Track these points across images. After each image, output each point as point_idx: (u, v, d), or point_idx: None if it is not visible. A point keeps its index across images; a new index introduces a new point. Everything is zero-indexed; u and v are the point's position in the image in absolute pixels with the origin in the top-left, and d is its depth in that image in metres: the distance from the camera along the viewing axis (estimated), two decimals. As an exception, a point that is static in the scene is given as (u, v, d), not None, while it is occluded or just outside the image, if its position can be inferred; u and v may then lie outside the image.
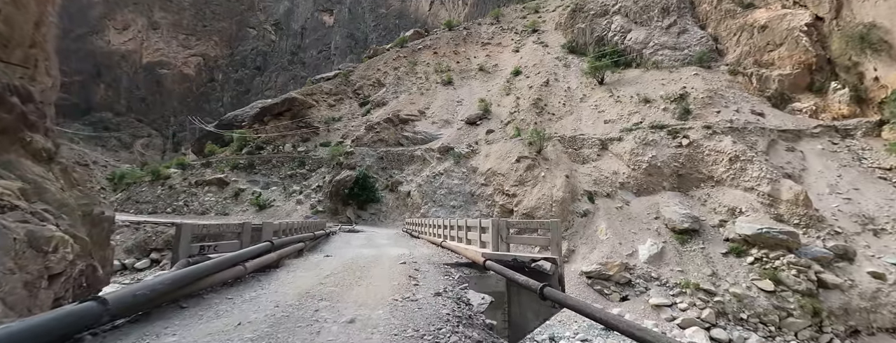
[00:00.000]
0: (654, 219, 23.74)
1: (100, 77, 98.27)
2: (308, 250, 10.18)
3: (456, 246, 8.71)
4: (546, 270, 5.39)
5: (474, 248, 7.37)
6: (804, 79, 29.31)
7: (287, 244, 7.50)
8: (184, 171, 37.46)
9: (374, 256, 9.16)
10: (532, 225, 7.21)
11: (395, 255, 9.33)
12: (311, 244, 11.17)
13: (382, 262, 7.99)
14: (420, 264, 7.42)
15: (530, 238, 8.02)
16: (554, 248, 5.83)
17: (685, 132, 26.54)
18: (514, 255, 5.85)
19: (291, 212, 32.39)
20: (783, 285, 17.91)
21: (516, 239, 7.05)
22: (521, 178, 27.64)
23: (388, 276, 6.25)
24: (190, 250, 5.22)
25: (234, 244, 6.39)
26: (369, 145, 37.56)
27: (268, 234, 7.23)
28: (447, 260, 7.95)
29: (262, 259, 5.55)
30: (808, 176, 23.48)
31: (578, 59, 43.59)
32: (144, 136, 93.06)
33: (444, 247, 9.99)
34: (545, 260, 5.51)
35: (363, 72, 53.74)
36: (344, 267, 7.13)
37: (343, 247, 12.59)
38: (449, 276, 6.15)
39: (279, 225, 8.60)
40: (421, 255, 9.47)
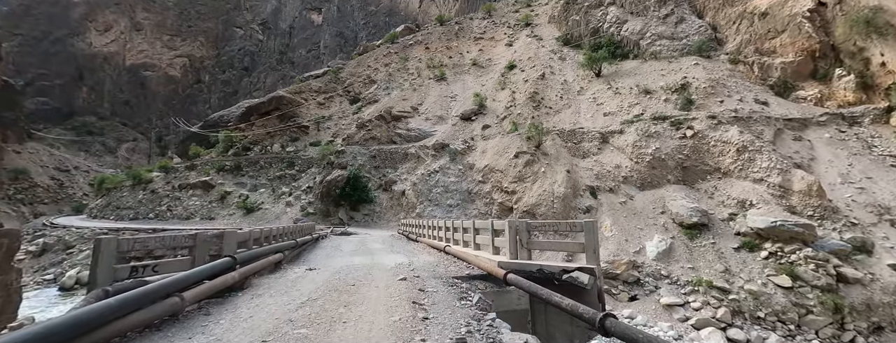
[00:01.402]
0: (661, 213, 22.76)
1: (82, 80, 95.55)
2: (289, 261, 8.86)
3: (463, 252, 7.50)
4: (582, 284, 4.24)
5: (487, 256, 6.20)
6: (807, 66, 28.51)
7: (258, 257, 6.22)
8: (167, 174, 35.87)
9: (367, 268, 7.79)
10: (560, 227, 5.68)
11: (393, 266, 7.99)
12: (292, 254, 9.81)
13: (377, 277, 6.63)
14: (424, 279, 6.10)
15: (558, 243, 6.72)
16: (590, 255, 4.69)
17: (689, 123, 25.58)
18: (538, 265, 4.71)
19: (281, 214, 31.04)
20: (801, 281, 16.98)
21: (539, 244, 5.86)
22: (521, 175, 26.53)
23: (385, 301, 4.83)
24: (113, 274, 3.98)
25: (184, 262, 4.97)
26: (361, 144, 36.24)
27: (230, 245, 5.74)
28: (455, 271, 6.67)
29: (212, 283, 4.28)
30: (818, 165, 22.63)
31: (574, 52, 42.59)
32: (130, 140, 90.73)
33: (448, 253, 8.76)
34: (580, 270, 4.34)
35: (353, 69, 52.31)
36: (327, 287, 5.73)
37: (331, 255, 11.04)
38: (466, 298, 4.79)
39: (249, 233, 7.02)
40: (422, 264, 8.15)
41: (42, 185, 53.10)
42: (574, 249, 5.25)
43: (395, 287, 5.62)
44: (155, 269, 4.45)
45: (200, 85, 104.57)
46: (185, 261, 5.06)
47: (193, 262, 4.98)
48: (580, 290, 4.44)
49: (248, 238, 6.89)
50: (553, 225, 5.57)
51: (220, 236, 5.32)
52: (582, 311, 3.12)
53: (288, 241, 9.60)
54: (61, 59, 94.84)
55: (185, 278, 3.73)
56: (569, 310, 3.31)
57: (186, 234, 5.25)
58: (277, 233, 9.48)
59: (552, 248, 6.39)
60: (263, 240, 8.04)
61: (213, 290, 4.23)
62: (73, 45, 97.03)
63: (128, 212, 32.77)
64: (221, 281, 4.49)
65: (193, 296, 3.79)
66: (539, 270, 4.68)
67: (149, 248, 4.54)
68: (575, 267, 4.43)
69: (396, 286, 5.68)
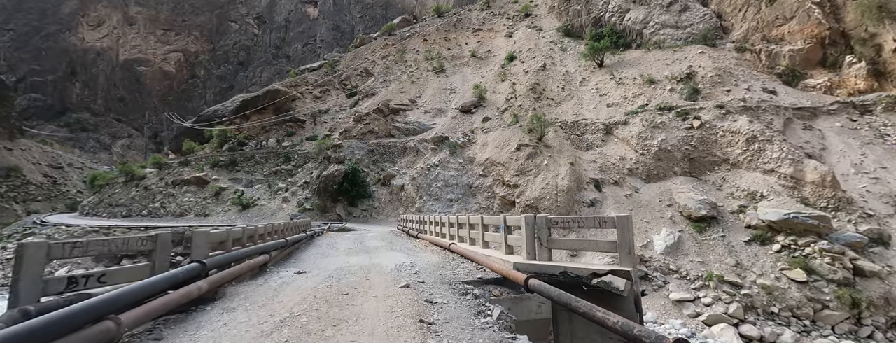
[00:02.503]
0: (668, 206, 22.12)
1: (75, 76, 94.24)
2: (277, 262, 8.02)
3: (471, 252, 6.73)
4: (618, 291, 3.54)
5: (499, 256, 5.50)
6: (816, 53, 27.73)
7: (238, 260, 5.54)
8: (160, 170, 35.05)
9: (365, 271, 6.95)
10: (586, 222, 4.94)
11: (393, 268, 7.15)
12: (281, 254, 8.92)
13: (375, 283, 5.76)
14: (430, 286, 5.25)
15: (585, 242, 5.87)
16: (625, 256, 4.00)
17: (696, 113, 24.85)
18: (562, 267, 4.01)
19: (277, 211, 30.32)
20: (816, 275, 16.36)
21: (562, 243, 5.11)
22: (523, 168, 25.82)
23: (384, 319, 3.99)
24: (42, 289, 3.11)
25: (140, 270, 4.16)
26: (359, 137, 35.44)
27: (201, 248, 4.91)
28: (464, 274, 5.86)
29: (168, 298, 3.41)
30: (830, 155, 21.95)
31: (575, 43, 41.75)
32: (125, 137, 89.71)
33: (453, 251, 8.01)
34: (614, 274, 3.64)
35: (350, 62, 51.33)
36: (315, 297, 4.80)
37: (326, 254, 10.12)
38: (484, 313, 3.93)
39: (227, 233, 6.15)
40: (426, 265, 7.30)
41: (35, 183, 52.24)
42: (604, 248, 4.52)
43: (396, 297, 4.74)
44: (101, 280, 3.56)
45: (196, 80, 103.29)
46: (141, 268, 4.23)
47: (153, 269, 4.18)
48: (613, 297, 3.75)
49: (227, 239, 6.09)
50: (578, 221, 4.80)
51: (191, 237, 4.55)
52: (645, 337, 2.39)
53: (277, 240, 8.75)
54: (53, 55, 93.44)
55: (129, 293, 2.92)
56: (620, 330, 2.60)
57: (144, 236, 4.31)
58: (264, 231, 8.67)
59: (577, 247, 5.56)
60: (246, 240, 7.22)
61: (171, 306, 3.44)
62: (65, 41, 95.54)
63: (120, 209, 32.00)
64: (182, 294, 3.63)
65: (138, 317, 2.91)
66: (563, 274, 3.99)
67: (91, 252, 3.73)
68: (607, 270, 3.74)
69: (398, 296, 4.83)
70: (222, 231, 6.22)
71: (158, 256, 4.32)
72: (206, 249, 5.04)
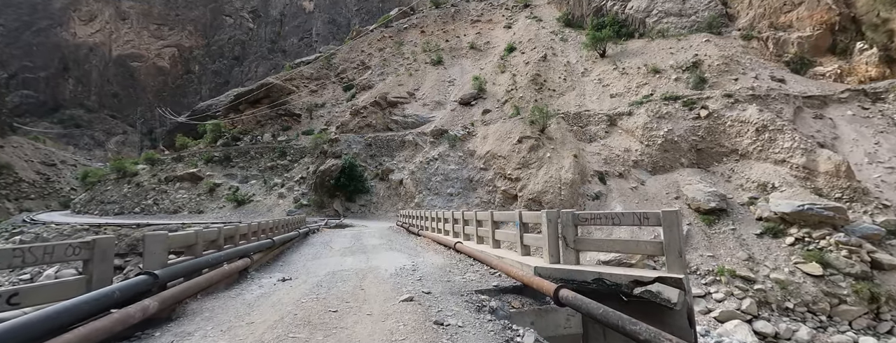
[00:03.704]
0: (675, 199, 21.46)
1: (67, 72, 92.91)
2: (262, 266, 7.19)
3: (481, 253, 5.95)
4: (669, 303, 2.83)
5: (514, 258, 4.78)
6: (826, 40, 26.95)
7: (210, 266, 4.80)
8: (153, 166, 34.22)
9: (360, 277, 6.14)
10: (622, 219, 4.19)
11: (393, 272, 6.31)
12: (268, 256, 8.05)
13: (371, 293, 4.89)
14: (438, 297, 4.43)
15: (620, 243, 4.84)
16: (674, 260, 3.29)
17: (703, 102, 24.10)
18: (596, 272, 3.30)
19: (273, 207, 29.60)
20: (832, 268, 15.73)
21: (591, 243, 4.37)
22: (525, 161, 25.10)
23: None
24: None
25: (72, 285, 3.32)
26: (356, 131, 34.63)
27: (155, 256, 3.95)
28: (475, 280, 4.99)
29: (91, 327, 2.50)
30: (842, 145, 21.26)
31: (576, 33, 40.87)
32: (119, 133, 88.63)
33: (459, 251, 7.25)
34: (662, 282, 2.93)
35: (346, 54, 50.32)
36: (296, 317, 3.91)
37: (319, 254, 9.23)
38: (514, 340, 3.11)
39: (196, 235, 5.15)
40: (430, 269, 6.45)
41: (27, 180, 51.37)
42: (647, 250, 3.81)
43: (397, 316, 3.86)
44: (10, 301, 2.73)
45: (190, 75, 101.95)
46: (72, 284, 3.35)
47: (90, 283, 3.34)
48: (659, 310, 3.04)
49: (195, 241, 5.10)
50: (611, 217, 4.02)
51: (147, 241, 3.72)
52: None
53: (263, 240, 8.01)
54: (45, 51, 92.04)
55: (39, 321, 2.17)
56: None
57: (75, 243, 3.36)
58: (247, 231, 7.76)
59: (611, 248, 4.73)
60: (224, 241, 6.28)
61: (101, 336, 2.56)
62: (56, 36, 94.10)
63: (112, 206, 31.24)
64: (115, 320, 2.72)
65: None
66: (598, 281, 3.30)
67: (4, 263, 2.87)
68: (653, 276, 3.05)
69: (399, 314, 3.95)
70: (188, 233, 5.16)
71: (97, 267, 3.42)
72: (162, 256, 4.09)
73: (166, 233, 4.11)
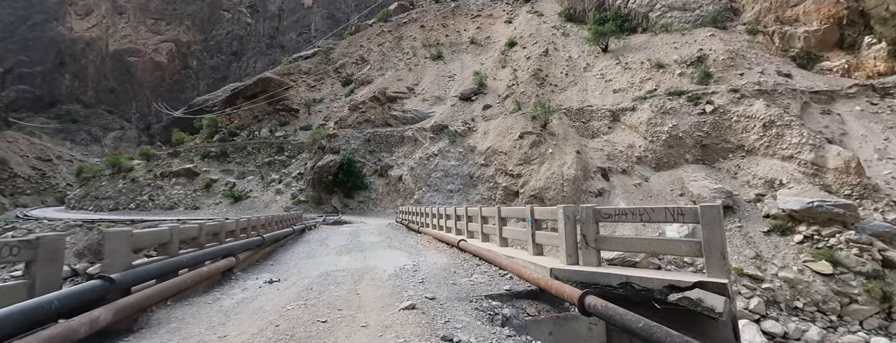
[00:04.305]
0: (680, 195, 21.06)
1: (64, 67, 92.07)
2: (250, 265, 6.65)
3: (487, 252, 5.46)
4: (712, 312, 2.39)
5: (526, 258, 4.33)
6: (833, 35, 26.46)
7: (177, 268, 4.20)
8: (148, 161, 33.72)
9: (356, 279, 5.61)
10: (652, 215, 3.54)
11: (392, 273, 5.86)
12: (255, 254, 7.42)
13: (368, 299, 4.36)
14: (443, 304, 3.92)
15: (650, 241, 4.33)
16: (715, 262, 2.85)
17: (708, 97, 23.63)
18: (623, 275, 2.86)
19: (270, 203, 29.15)
20: (842, 267, 15.35)
21: (613, 242, 3.89)
22: (526, 157, 24.65)
23: None
24: None
25: (11, 292, 2.80)
26: (354, 127, 34.12)
27: (117, 255, 3.41)
28: (484, 283, 4.46)
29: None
30: (851, 141, 20.82)
31: (578, 28, 40.29)
32: (117, 129, 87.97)
33: (463, 250, 6.79)
34: (701, 287, 2.49)
35: (345, 49, 49.70)
36: (279, 330, 3.39)
37: (313, 253, 8.67)
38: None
39: (170, 231, 4.54)
40: (433, 269, 5.93)
41: (22, 176, 50.82)
42: (681, 251, 3.35)
43: (397, 329, 3.33)
44: None
45: (188, 71, 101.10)
46: (10, 289, 2.87)
47: (32, 289, 2.86)
48: (699, 319, 2.60)
49: (169, 239, 4.49)
50: (640, 212, 3.48)
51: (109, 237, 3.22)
52: None
53: (252, 237, 7.45)
54: (41, 45, 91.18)
55: None
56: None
57: (15, 241, 2.87)
58: (234, 227, 7.12)
59: (639, 248, 4.23)
60: (207, 238, 5.68)
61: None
62: (52, 30, 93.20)
63: (107, 202, 30.75)
64: (47, 337, 2.27)
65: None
66: (625, 286, 2.87)
67: None
68: (692, 281, 2.61)
69: (400, 326, 3.41)
70: (161, 229, 4.51)
71: (42, 270, 2.92)
72: (126, 257, 3.54)
73: (130, 230, 3.60)
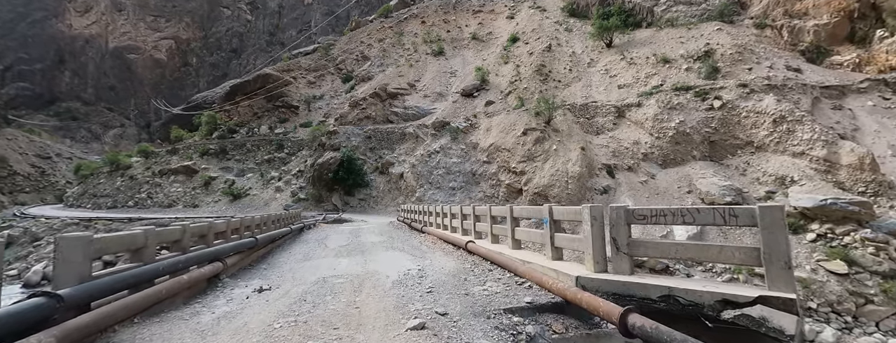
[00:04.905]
0: (687, 193, 20.59)
1: (63, 64, 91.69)
2: (240, 270, 6.14)
3: (499, 255, 4.95)
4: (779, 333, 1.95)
5: (544, 263, 3.90)
6: (843, 28, 25.88)
7: (152, 276, 3.71)
8: (147, 159, 33.34)
9: (356, 286, 5.10)
10: (697, 216, 3.04)
11: (396, 279, 5.37)
12: (247, 257, 6.87)
13: (369, 313, 3.79)
14: (456, 321, 3.38)
15: (696, 248, 3.44)
16: (778, 272, 2.43)
17: (716, 93, 23.12)
18: (665, 286, 2.43)
19: (270, 201, 28.76)
20: (858, 266, 14.89)
21: (649, 247, 3.38)
22: (530, 153, 24.18)
23: None
24: None
25: None
26: (355, 123, 33.67)
27: (72, 266, 2.92)
28: (500, 293, 3.94)
29: None
30: (863, 137, 20.30)
31: (581, 23, 39.69)
32: (117, 126, 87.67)
33: (473, 253, 6.32)
34: (763, 302, 2.06)
35: (345, 45, 49.17)
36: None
37: (310, 255, 8.11)
38: None
39: (144, 235, 3.97)
40: (441, 275, 5.47)
41: (22, 173, 50.52)
42: (734, 259, 2.83)
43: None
44: None
45: (188, 68, 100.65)
46: None
47: None
48: (762, 340, 2.16)
49: (144, 244, 3.94)
50: (680, 214, 2.89)
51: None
52: None
53: (245, 238, 6.87)
54: (41, 42, 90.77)
55: None
56: None
57: None
58: (225, 227, 6.54)
59: (680, 255, 3.50)
60: (191, 240, 5.14)
61: None
62: (52, 27, 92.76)
63: (105, 200, 30.40)
64: None
65: None
66: (667, 299, 2.45)
67: None
68: (754, 296, 2.19)
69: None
70: (133, 233, 3.90)
71: None
72: (82, 266, 2.99)
73: (90, 235, 3.07)
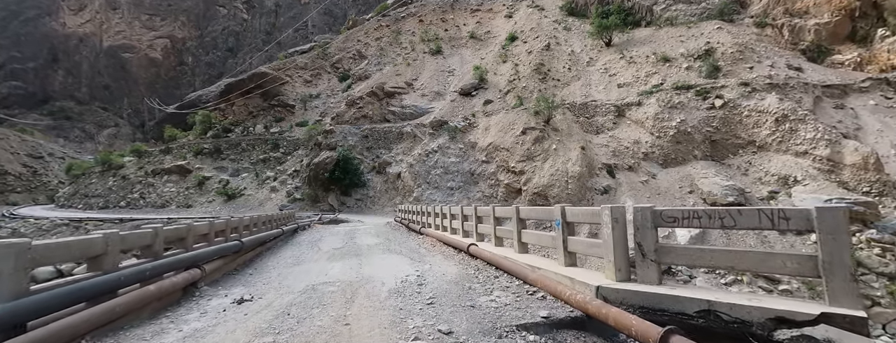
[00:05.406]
0: (689, 193, 20.33)
1: (57, 63, 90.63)
2: (216, 279, 5.56)
3: (505, 259, 4.55)
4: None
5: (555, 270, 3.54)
6: (844, 27, 25.69)
7: (114, 288, 3.25)
8: (140, 158, 32.80)
9: (347, 296, 4.58)
10: (739, 219, 2.62)
11: (393, 288, 4.90)
12: (229, 264, 6.30)
13: (361, 332, 3.29)
14: (462, 340, 2.90)
15: (737, 255, 2.76)
16: (841, 285, 2.00)
17: (718, 92, 22.87)
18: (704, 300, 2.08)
19: (265, 201, 28.31)
20: (863, 267, 14.65)
21: (681, 254, 2.92)
22: (529, 153, 23.86)
23: None
24: None
25: None
26: (352, 123, 33.25)
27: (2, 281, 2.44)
28: (508, 301, 3.54)
29: None
30: (866, 136, 20.07)
31: (580, 22, 39.41)
32: (111, 126, 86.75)
33: (475, 256, 5.94)
34: (826, 320, 1.70)
35: (342, 44, 48.72)
36: None
37: (301, 258, 7.59)
38: None
39: (105, 240, 3.51)
40: (443, 283, 4.98)
41: (13, 173, 49.77)
42: (786, 269, 2.37)
43: None
44: None
45: (183, 67, 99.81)
46: None
47: None
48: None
49: (104, 251, 3.47)
50: (719, 216, 2.41)
51: None
52: None
53: (229, 242, 6.34)
54: (34, 41, 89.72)
55: None
56: None
57: None
58: (208, 230, 6.06)
59: (717, 263, 2.87)
60: (164, 246, 4.65)
61: None
62: (45, 26, 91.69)
63: (97, 200, 29.85)
64: None
65: None
66: (706, 314, 2.09)
67: None
68: (815, 313, 1.85)
69: None
70: (91, 237, 3.44)
71: None
72: (15, 280, 2.55)
73: (27, 241, 2.58)
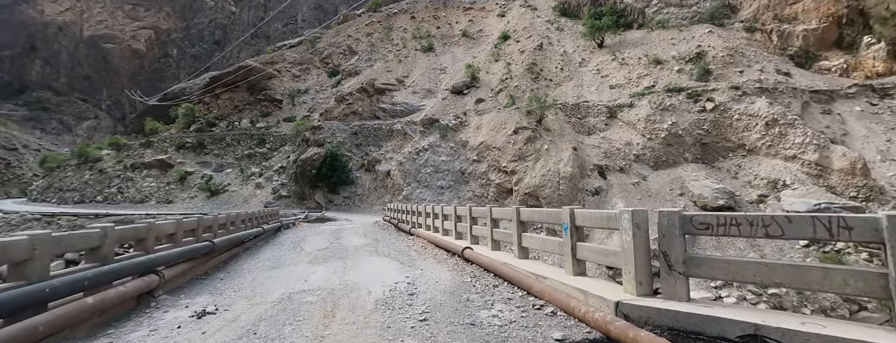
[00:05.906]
0: (679, 195, 20.30)
1: (34, 52, 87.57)
2: (180, 285, 4.96)
3: (505, 266, 4.18)
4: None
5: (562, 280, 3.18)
6: (832, 34, 26.07)
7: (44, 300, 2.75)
8: (118, 152, 31.65)
9: (327, 309, 4.09)
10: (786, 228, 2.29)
11: (380, 298, 4.43)
12: (197, 267, 5.68)
13: None
14: None
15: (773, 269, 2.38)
16: None
17: (709, 95, 22.94)
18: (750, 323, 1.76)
19: (249, 197, 27.55)
20: (851, 272, 14.72)
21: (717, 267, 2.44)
22: (521, 153, 23.61)
23: None
24: None
25: None
26: (341, 119, 32.62)
27: None
28: (509, 316, 3.22)
29: None
30: (853, 141, 20.34)
31: (572, 22, 39.42)
32: (91, 118, 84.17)
33: (471, 261, 5.54)
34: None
35: (332, 39, 47.92)
36: None
37: (280, 261, 7.07)
38: None
39: (31, 242, 2.89)
40: (437, 293, 4.54)
41: (-16, 166, 47.83)
42: (846, 288, 2.05)
43: None
44: None
45: (168, 59, 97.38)
46: None
47: None
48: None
49: (30, 256, 2.91)
50: (763, 223, 2.21)
51: None
52: None
53: (200, 242, 5.71)
54: (10, 28, 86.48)
55: None
56: None
57: None
58: (175, 229, 5.40)
59: (769, 278, 2.39)
60: (113, 247, 4.00)
61: None
62: (22, 13, 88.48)
63: (72, 194, 28.69)
64: None
65: None
66: (751, 339, 1.76)
67: None
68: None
69: None
70: (16, 239, 2.86)
71: None
72: None
73: None
